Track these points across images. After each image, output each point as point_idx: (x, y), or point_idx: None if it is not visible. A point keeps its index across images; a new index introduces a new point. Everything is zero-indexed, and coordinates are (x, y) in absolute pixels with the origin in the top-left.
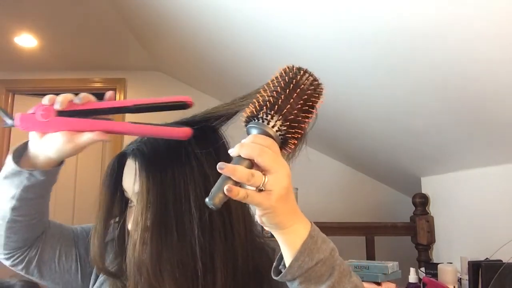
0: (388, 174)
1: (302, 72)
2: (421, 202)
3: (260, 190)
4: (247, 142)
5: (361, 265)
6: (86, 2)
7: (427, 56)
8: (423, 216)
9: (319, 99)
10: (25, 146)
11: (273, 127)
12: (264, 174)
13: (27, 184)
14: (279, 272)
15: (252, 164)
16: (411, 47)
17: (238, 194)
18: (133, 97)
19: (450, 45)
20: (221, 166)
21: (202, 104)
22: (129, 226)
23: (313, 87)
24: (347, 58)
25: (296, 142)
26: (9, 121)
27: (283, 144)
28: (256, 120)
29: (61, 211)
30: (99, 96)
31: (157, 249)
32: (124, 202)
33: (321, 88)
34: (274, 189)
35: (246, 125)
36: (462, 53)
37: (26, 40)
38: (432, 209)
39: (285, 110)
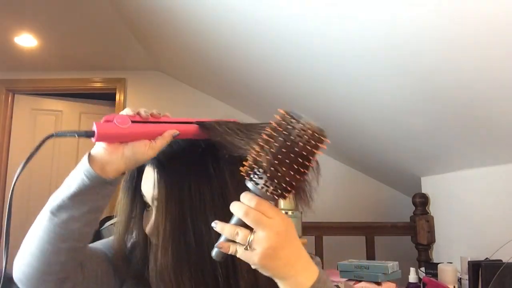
0: (388, 174)
1: (299, 125)
2: (421, 202)
3: (247, 248)
4: (237, 202)
5: (361, 265)
6: (86, 2)
7: (427, 57)
8: (423, 216)
9: (317, 150)
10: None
11: (262, 188)
12: (253, 232)
13: (109, 195)
14: None
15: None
16: (411, 48)
17: (229, 249)
18: (133, 97)
19: (450, 45)
20: (213, 225)
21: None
22: (147, 230)
23: (311, 142)
24: (348, 58)
25: (290, 194)
26: (89, 135)
27: (279, 196)
28: (248, 179)
29: None
30: (99, 96)
31: (177, 256)
32: (142, 205)
33: (321, 139)
34: (258, 248)
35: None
36: (462, 53)
37: (26, 40)
38: (432, 209)
39: (275, 172)
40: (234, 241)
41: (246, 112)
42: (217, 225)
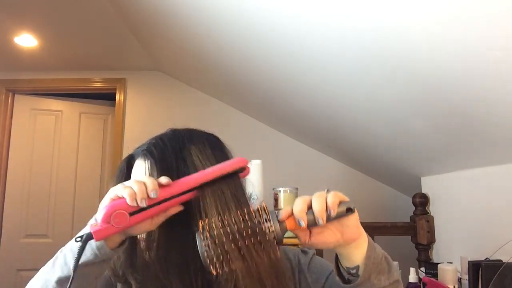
0: (388, 174)
1: (266, 224)
2: (421, 202)
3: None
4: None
5: None
6: (86, 2)
7: (427, 57)
8: (423, 216)
9: (266, 248)
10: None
11: (204, 246)
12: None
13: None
14: (346, 280)
15: None
16: (411, 47)
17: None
18: (133, 97)
19: (450, 46)
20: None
21: (202, 104)
22: None
23: (266, 241)
24: (348, 58)
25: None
26: (89, 239)
27: (212, 266)
28: (198, 232)
29: (61, 210)
30: (99, 96)
31: (164, 249)
32: None
33: (274, 244)
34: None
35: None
36: (462, 53)
37: (26, 40)
38: (432, 209)
39: (221, 247)
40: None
41: (246, 112)
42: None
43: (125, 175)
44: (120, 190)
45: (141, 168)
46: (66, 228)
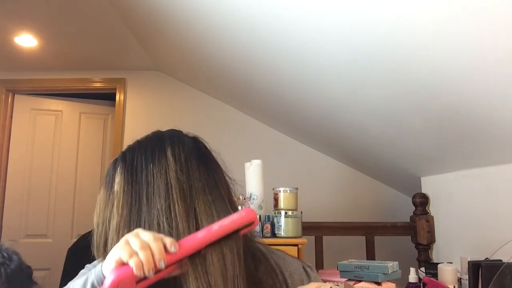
0: (388, 174)
1: None
2: (421, 202)
3: None
4: None
5: (361, 265)
6: (86, 2)
7: (427, 57)
8: (423, 216)
9: None
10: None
11: None
12: None
13: None
14: None
15: None
16: (411, 47)
17: None
18: (133, 97)
19: (450, 46)
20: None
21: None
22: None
23: None
24: (348, 59)
25: None
26: None
27: None
28: None
29: (61, 210)
30: (99, 96)
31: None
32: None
33: None
34: None
35: None
36: (461, 54)
37: (26, 40)
38: (432, 209)
39: None
40: None
41: (246, 112)
42: None
43: (112, 175)
44: (125, 255)
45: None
46: (66, 228)
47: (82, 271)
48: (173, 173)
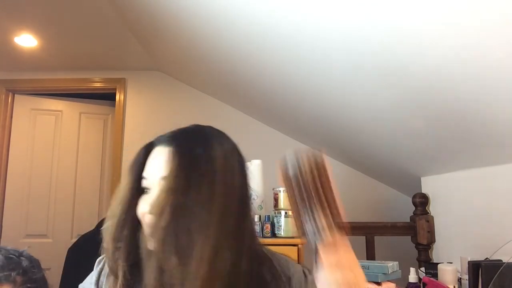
0: (388, 174)
1: None
2: (421, 202)
3: None
4: None
5: (361, 265)
6: (86, 2)
7: (427, 57)
8: (423, 216)
9: None
10: None
11: None
12: None
13: None
14: None
15: None
16: (412, 48)
17: None
18: (133, 97)
19: (450, 46)
20: None
21: (202, 104)
22: (141, 209)
23: None
24: (348, 59)
25: None
26: None
27: None
28: None
29: (61, 210)
30: (99, 96)
31: (174, 232)
32: (140, 190)
33: None
34: None
35: None
36: (461, 54)
37: (26, 40)
38: (432, 209)
39: None
40: None
41: (246, 112)
42: None
43: (141, 163)
44: None
45: (162, 153)
46: (66, 228)
47: None
48: (225, 165)
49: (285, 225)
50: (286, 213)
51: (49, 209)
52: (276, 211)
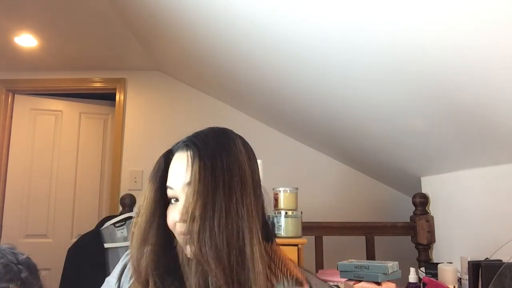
0: (388, 174)
1: None
2: (421, 202)
3: None
4: None
5: (361, 265)
6: (86, 2)
7: (427, 57)
8: (423, 216)
9: None
10: None
11: None
12: None
13: None
14: None
15: None
16: (411, 48)
17: None
18: (133, 97)
19: (450, 46)
20: None
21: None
22: (171, 219)
23: None
24: (347, 59)
25: None
26: None
27: None
28: None
29: (61, 210)
30: (99, 96)
31: (209, 234)
32: (165, 201)
33: None
34: None
35: None
36: (461, 54)
37: (26, 40)
38: (432, 209)
39: None
40: None
41: (246, 112)
42: None
43: (163, 170)
44: None
45: (182, 159)
46: (66, 228)
47: None
48: (245, 165)
49: (285, 225)
50: (286, 213)
51: (49, 209)
52: (276, 211)
